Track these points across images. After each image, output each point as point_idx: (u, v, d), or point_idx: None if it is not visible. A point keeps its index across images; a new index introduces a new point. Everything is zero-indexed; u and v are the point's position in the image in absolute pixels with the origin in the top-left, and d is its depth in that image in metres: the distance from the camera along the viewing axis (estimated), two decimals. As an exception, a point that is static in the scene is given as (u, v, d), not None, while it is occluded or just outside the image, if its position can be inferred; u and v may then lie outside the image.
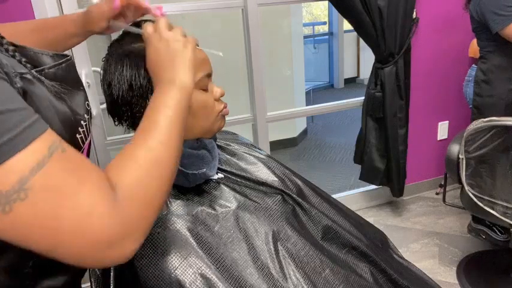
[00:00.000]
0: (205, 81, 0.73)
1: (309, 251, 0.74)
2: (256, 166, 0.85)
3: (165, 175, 0.50)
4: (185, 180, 0.70)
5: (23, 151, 0.37)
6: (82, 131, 0.57)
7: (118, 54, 0.68)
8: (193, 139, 0.76)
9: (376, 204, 2.49)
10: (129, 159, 0.48)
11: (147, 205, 0.46)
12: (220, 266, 0.65)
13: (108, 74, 0.69)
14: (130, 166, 0.47)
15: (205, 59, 0.74)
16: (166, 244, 0.64)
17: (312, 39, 6.29)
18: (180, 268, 0.62)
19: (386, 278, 0.81)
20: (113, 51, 0.70)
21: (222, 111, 0.77)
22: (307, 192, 0.87)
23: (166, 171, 0.50)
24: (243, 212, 0.73)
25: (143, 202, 0.46)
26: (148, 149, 0.49)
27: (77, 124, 0.55)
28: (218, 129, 0.79)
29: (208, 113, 0.74)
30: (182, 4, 1.76)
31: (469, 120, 1.64)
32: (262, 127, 2.08)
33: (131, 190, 0.45)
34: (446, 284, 1.76)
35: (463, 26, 1.93)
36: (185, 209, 0.69)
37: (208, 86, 0.75)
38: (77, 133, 0.55)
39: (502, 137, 1.33)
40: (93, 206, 0.40)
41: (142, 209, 0.46)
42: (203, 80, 0.72)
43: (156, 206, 0.48)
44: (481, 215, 1.52)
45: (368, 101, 2.11)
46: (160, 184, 0.49)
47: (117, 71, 0.68)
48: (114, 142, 1.84)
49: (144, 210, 0.46)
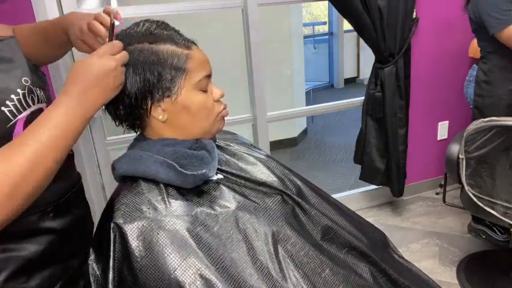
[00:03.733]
0: (204, 82, 0.73)
1: (309, 251, 0.74)
2: (255, 166, 0.84)
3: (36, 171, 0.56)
4: (184, 180, 0.70)
5: None
6: (12, 104, 0.64)
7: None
8: (192, 139, 0.76)
9: (376, 204, 2.49)
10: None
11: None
12: (219, 267, 0.64)
13: None
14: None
15: (205, 60, 0.74)
16: (165, 245, 0.63)
17: (312, 39, 6.29)
18: (180, 269, 0.62)
19: (386, 278, 0.81)
20: None
21: (221, 112, 0.77)
22: (306, 192, 0.87)
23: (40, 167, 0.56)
24: (243, 213, 0.73)
25: None
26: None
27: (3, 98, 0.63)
28: (217, 130, 0.79)
29: (208, 114, 0.75)
30: (182, 4, 1.76)
31: (469, 120, 1.64)
32: (262, 127, 2.08)
33: None
34: (446, 284, 1.76)
35: (463, 26, 1.93)
36: (184, 210, 0.69)
37: (208, 87, 0.75)
38: (3, 106, 0.63)
39: (502, 137, 1.33)
40: None
41: None
42: (203, 81, 0.73)
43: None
44: (481, 215, 1.52)
45: (368, 101, 2.11)
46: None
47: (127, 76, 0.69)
48: (114, 142, 1.84)
49: None
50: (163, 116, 0.72)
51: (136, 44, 0.70)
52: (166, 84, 0.70)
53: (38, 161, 0.55)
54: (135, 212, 0.66)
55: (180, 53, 0.70)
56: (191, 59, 0.71)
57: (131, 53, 0.69)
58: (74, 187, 0.77)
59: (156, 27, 0.71)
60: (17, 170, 0.53)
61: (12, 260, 0.63)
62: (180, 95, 0.71)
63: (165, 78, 0.70)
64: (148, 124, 0.75)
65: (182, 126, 0.74)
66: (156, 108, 0.72)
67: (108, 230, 0.65)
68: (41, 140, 0.56)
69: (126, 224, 0.64)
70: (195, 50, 0.73)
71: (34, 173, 0.55)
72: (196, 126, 0.75)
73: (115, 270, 0.64)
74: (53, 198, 0.70)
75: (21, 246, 0.64)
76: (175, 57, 0.70)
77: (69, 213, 0.74)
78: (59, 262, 0.71)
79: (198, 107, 0.73)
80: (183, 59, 0.70)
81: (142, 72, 0.69)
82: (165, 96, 0.71)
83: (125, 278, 0.63)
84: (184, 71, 0.70)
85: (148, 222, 0.65)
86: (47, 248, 0.67)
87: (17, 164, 0.53)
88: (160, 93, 0.70)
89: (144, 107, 0.71)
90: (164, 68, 0.69)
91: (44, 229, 0.68)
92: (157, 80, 0.69)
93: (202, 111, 0.74)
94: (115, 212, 0.66)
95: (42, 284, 0.67)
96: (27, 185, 0.54)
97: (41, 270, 0.67)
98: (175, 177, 0.69)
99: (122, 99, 0.70)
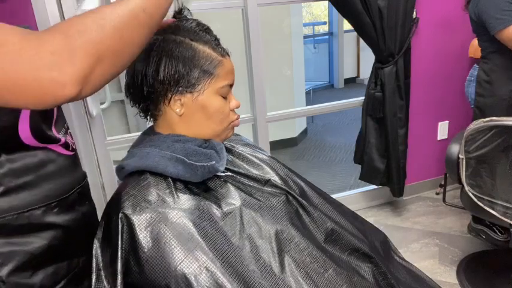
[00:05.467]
0: (226, 89, 0.77)
1: (312, 251, 0.75)
2: (260, 167, 0.87)
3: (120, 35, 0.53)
4: (193, 173, 0.72)
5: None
6: None
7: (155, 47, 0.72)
8: (202, 139, 0.78)
9: (376, 204, 2.49)
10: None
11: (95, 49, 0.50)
12: (225, 262, 0.66)
13: (139, 64, 0.73)
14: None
15: (232, 70, 0.78)
16: (172, 237, 0.65)
17: (312, 39, 6.29)
18: (186, 261, 0.64)
19: (386, 282, 0.82)
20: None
21: (234, 121, 0.81)
22: (309, 194, 0.88)
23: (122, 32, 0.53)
24: (248, 210, 0.75)
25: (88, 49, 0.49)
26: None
27: None
28: (226, 137, 0.82)
29: (223, 119, 0.78)
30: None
31: (469, 120, 1.64)
32: (262, 127, 2.08)
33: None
34: (446, 284, 1.76)
35: (463, 26, 1.93)
36: (192, 204, 0.70)
37: (228, 95, 0.78)
38: None
39: (502, 137, 1.33)
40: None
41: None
42: (225, 88, 0.77)
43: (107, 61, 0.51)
44: (481, 215, 1.52)
45: (368, 101, 2.11)
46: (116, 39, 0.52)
47: (149, 63, 0.72)
48: (114, 142, 1.84)
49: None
50: (181, 110, 0.75)
51: (180, 36, 0.73)
52: (192, 80, 0.73)
53: (135, 16, 0.55)
54: (143, 203, 0.67)
55: (214, 57, 0.74)
56: (222, 66, 0.75)
57: (174, 41, 0.72)
58: (79, 184, 0.78)
59: (201, 29, 0.76)
60: (119, 13, 0.53)
61: (16, 254, 0.63)
62: (202, 95, 0.74)
63: (193, 75, 0.73)
64: (162, 115, 0.77)
65: (195, 124, 0.77)
66: (175, 101, 0.74)
67: (115, 220, 0.66)
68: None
69: (134, 214, 0.66)
70: (228, 59, 0.78)
71: (130, 25, 0.54)
72: (209, 127, 0.77)
73: (123, 260, 0.65)
74: (57, 193, 0.70)
75: (25, 240, 0.65)
76: (209, 59, 0.74)
77: (74, 210, 0.74)
78: (63, 259, 0.71)
79: (215, 110, 0.76)
80: (215, 64, 0.74)
81: (176, 62, 0.71)
82: (187, 92, 0.73)
83: (131, 269, 0.65)
84: (213, 74, 0.74)
85: (156, 214, 0.66)
86: (51, 243, 0.68)
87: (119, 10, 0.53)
88: (185, 87, 0.73)
89: (166, 94, 0.74)
90: (196, 65, 0.73)
91: (48, 224, 0.68)
92: (186, 73, 0.72)
93: (219, 115, 0.77)
94: (123, 202, 0.68)
95: (45, 280, 0.67)
96: (127, 32, 0.54)
97: (45, 266, 0.67)
98: (184, 171, 0.71)
99: (149, 79, 0.72)
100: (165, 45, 0.72)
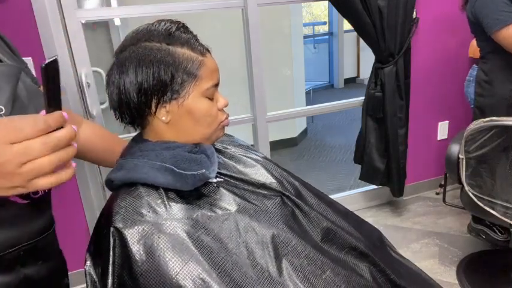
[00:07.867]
0: (212, 90, 0.74)
1: (309, 254, 0.74)
2: (254, 168, 0.85)
3: None
4: (184, 183, 0.69)
5: None
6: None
7: (124, 59, 0.70)
8: (192, 144, 0.76)
9: (376, 204, 2.49)
10: None
11: None
12: (221, 271, 0.64)
13: (117, 78, 0.70)
14: None
15: (216, 69, 0.76)
16: (166, 249, 0.63)
17: (312, 39, 6.29)
18: (181, 273, 0.62)
19: (385, 278, 0.82)
20: (121, 57, 0.71)
21: (223, 121, 0.78)
22: (305, 194, 0.87)
23: None
24: (243, 215, 0.73)
25: None
26: None
27: None
28: (216, 138, 0.80)
29: (211, 122, 0.76)
30: (182, 4, 1.76)
31: (469, 120, 1.64)
32: (262, 127, 2.08)
33: None
34: (446, 284, 1.76)
35: (463, 26, 1.92)
36: (185, 213, 0.68)
37: (214, 95, 0.76)
38: None
39: (502, 137, 1.33)
40: None
41: None
42: (211, 89, 0.74)
43: None
44: (481, 215, 1.52)
45: (368, 101, 2.11)
46: None
47: (128, 75, 0.69)
48: (114, 142, 1.84)
49: None
50: (167, 117, 0.72)
51: (155, 42, 0.70)
52: (175, 87, 0.70)
53: None
54: (135, 216, 0.65)
55: (194, 58, 0.71)
56: (204, 66, 0.72)
57: (150, 49, 0.69)
58: (31, 240, 0.64)
59: (176, 29, 0.72)
60: None
61: None
62: (187, 99, 0.72)
63: (176, 81, 0.70)
64: (149, 123, 0.75)
65: (184, 129, 0.74)
66: (160, 109, 0.72)
67: (107, 234, 0.64)
68: None
69: (126, 228, 0.63)
70: (209, 57, 0.74)
71: None
72: (198, 131, 0.75)
73: (114, 275, 0.63)
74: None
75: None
76: (190, 62, 0.71)
77: (13, 271, 0.62)
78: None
79: (202, 114, 0.73)
80: (197, 65, 0.71)
81: (157, 71, 0.69)
82: (172, 98, 0.71)
83: (126, 283, 0.63)
84: (196, 76, 0.71)
85: (148, 226, 0.64)
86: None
87: None
88: (169, 95, 0.71)
89: (151, 105, 0.71)
90: (178, 70, 0.70)
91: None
92: (168, 81, 0.70)
93: (206, 118, 0.74)
94: (114, 215, 0.65)
95: None
96: None
97: None
98: (174, 181, 0.69)
99: (130, 93, 0.70)
100: (141, 55, 0.69)
